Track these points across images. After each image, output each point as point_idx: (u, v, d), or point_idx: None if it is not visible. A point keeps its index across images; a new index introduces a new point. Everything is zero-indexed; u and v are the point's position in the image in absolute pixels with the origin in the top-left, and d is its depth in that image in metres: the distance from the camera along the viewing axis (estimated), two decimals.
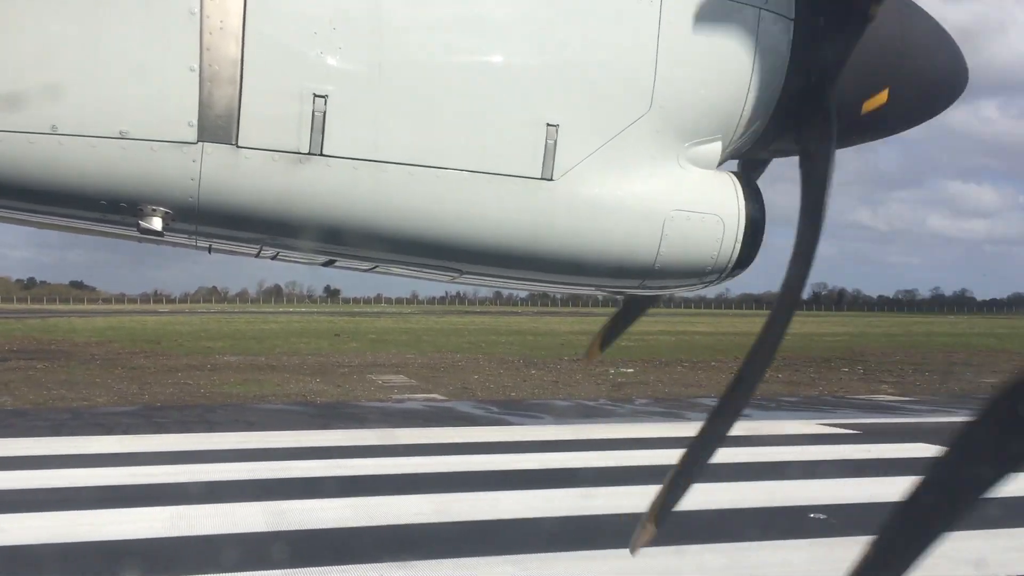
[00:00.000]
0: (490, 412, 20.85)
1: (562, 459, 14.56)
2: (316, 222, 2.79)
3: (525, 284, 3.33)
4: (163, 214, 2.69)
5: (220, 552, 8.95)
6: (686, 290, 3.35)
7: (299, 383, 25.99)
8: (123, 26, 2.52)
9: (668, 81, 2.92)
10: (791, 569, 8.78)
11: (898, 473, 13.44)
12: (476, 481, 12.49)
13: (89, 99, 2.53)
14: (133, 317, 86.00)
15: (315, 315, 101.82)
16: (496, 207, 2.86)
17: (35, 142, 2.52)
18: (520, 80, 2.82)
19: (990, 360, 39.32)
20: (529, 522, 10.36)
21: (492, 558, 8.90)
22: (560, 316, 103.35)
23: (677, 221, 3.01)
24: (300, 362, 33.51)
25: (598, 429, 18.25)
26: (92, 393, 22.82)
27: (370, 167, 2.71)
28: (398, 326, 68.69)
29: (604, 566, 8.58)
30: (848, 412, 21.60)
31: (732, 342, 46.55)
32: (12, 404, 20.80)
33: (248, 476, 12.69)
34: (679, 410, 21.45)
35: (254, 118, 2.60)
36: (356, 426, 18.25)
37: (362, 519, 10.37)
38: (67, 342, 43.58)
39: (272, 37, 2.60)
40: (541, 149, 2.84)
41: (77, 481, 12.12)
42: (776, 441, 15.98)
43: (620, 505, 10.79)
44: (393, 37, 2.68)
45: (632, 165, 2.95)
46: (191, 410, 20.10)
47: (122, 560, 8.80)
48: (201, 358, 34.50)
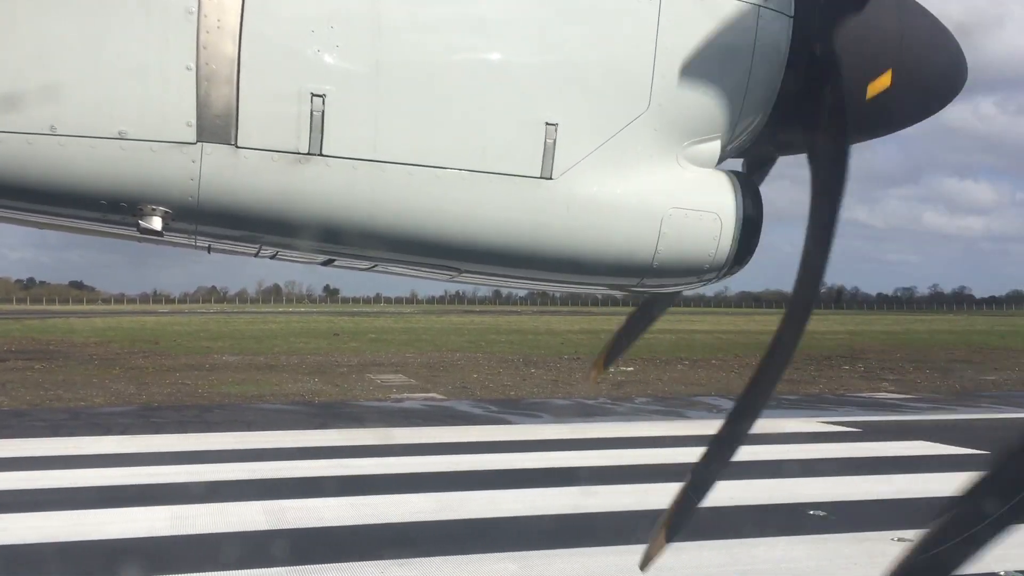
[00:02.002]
0: (489, 411, 20.84)
1: (562, 457, 14.56)
2: (315, 222, 2.79)
3: (524, 283, 3.34)
4: (163, 214, 2.69)
5: (220, 551, 8.96)
6: (685, 288, 3.36)
7: (298, 383, 25.98)
8: (121, 26, 2.52)
9: (667, 80, 2.92)
10: (791, 565, 8.78)
11: (898, 471, 13.48)
12: (476, 480, 12.49)
13: (88, 99, 2.52)
14: (132, 317, 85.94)
15: (314, 315, 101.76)
16: (495, 206, 2.86)
17: (34, 143, 2.52)
18: (519, 79, 2.82)
19: (991, 358, 39.35)
20: (529, 520, 10.37)
21: (492, 555, 8.90)
22: (560, 315, 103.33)
23: (675, 219, 3.01)
24: (299, 362, 33.49)
25: (598, 428, 18.25)
26: (90, 393, 22.80)
27: (369, 167, 2.71)
28: (397, 325, 68.67)
29: (604, 563, 8.59)
30: (848, 410, 21.60)
31: (731, 340, 46.58)
32: (10, 405, 20.79)
33: (247, 476, 12.69)
34: (679, 408, 21.46)
35: (252, 118, 2.60)
36: (355, 425, 18.24)
37: (362, 518, 10.37)
38: (66, 342, 43.55)
39: (270, 36, 2.59)
40: (540, 148, 2.84)
41: (76, 481, 12.11)
42: (776, 439, 15.96)
43: (620, 503, 10.85)
44: (391, 36, 2.68)
45: (631, 164, 2.96)
46: (190, 410, 20.08)
47: (122, 560, 8.80)
48: (200, 358, 34.48)
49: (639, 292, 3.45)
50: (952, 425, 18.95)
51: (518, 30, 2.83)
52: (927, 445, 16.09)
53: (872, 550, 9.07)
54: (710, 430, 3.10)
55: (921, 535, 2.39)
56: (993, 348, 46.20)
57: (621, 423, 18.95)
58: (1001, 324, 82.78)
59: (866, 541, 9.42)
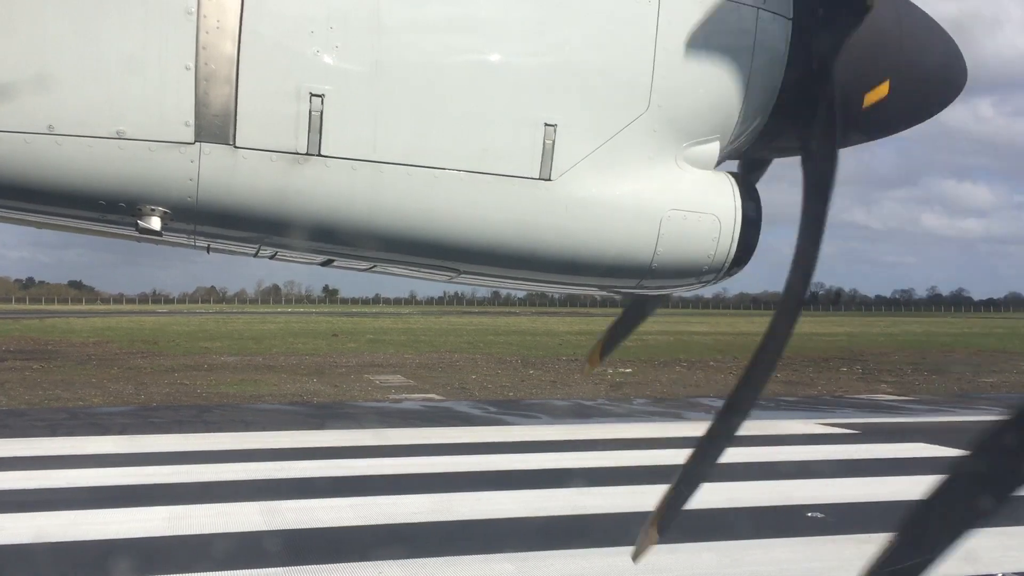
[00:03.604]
0: (488, 412, 20.83)
1: (560, 459, 14.56)
2: (314, 222, 2.78)
3: (523, 284, 3.33)
4: (162, 214, 2.69)
5: (218, 551, 8.95)
6: (683, 289, 3.36)
7: (297, 383, 25.97)
8: (120, 26, 2.52)
9: (666, 81, 2.92)
10: (789, 567, 8.79)
11: (896, 472, 13.48)
12: (474, 480, 12.49)
13: (86, 99, 2.52)
14: (131, 317, 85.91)
15: (313, 315, 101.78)
16: (494, 207, 2.86)
17: (32, 142, 2.51)
18: (518, 80, 2.82)
19: (989, 360, 39.36)
20: (527, 521, 10.37)
21: (490, 556, 8.90)
22: (558, 316, 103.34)
23: (674, 221, 3.01)
24: (298, 362, 33.48)
25: (596, 429, 18.25)
26: (89, 393, 22.79)
27: (368, 167, 2.71)
28: (396, 326, 68.65)
29: (601, 564, 8.59)
30: (847, 412, 21.61)
31: (730, 342, 46.56)
32: (9, 404, 20.77)
33: (246, 476, 12.68)
34: (677, 410, 21.46)
35: (251, 118, 2.60)
36: (354, 426, 18.24)
37: (360, 518, 10.37)
38: (65, 342, 43.52)
39: (269, 36, 2.59)
40: (539, 149, 2.84)
41: (74, 481, 12.11)
42: (774, 441, 15.98)
43: (618, 504, 10.84)
44: (390, 37, 2.68)
45: (630, 165, 2.96)
46: (188, 410, 20.07)
47: (120, 559, 8.79)
48: (199, 358, 34.46)
49: (638, 293, 3.45)
50: (950, 427, 18.95)
51: (517, 31, 2.83)
52: (925, 447, 16.09)
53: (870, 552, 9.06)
54: None
55: (885, 543, 2.39)
56: (991, 350, 46.22)
57: (619, 424, 18.95)
58: (999, 326, 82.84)
59: (864, 543, 9.41)
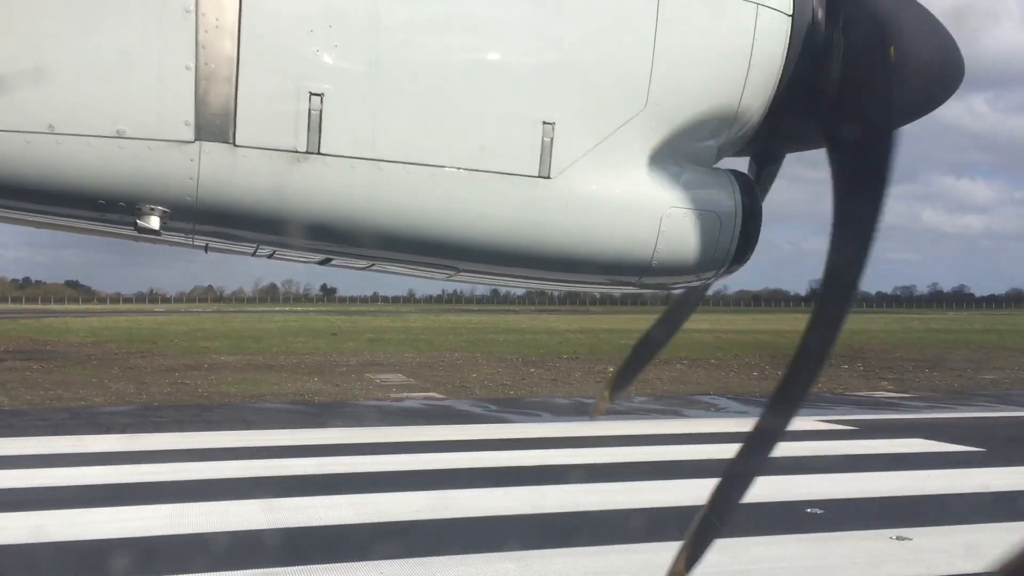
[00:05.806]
0: (489, 410, 20.84)
1: (561, 456, 14.56)
2: (313, 220, 2.79)
3: (522, 282, 3.33)
4: (161, 213, 2.69)
5: (218, 550, 8.95)
6: (683, 287, 3.36)
7: (296, 382, 25.96)
8: (119, 25, 2.52)
9: (665, 78, 2.92)
10: (789, 564, 8.79)
11: (896, 469, 13.48)
12: (475, 478, 12.48)
13: (86, 98, 2.52)
14: (129, 317, 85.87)
15: (312, 314, 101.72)
16: (493, 205, 2.86)
17: (32, 142, 2.51)
18: (517, 78, 2.82)
19: (990, 356, 39.36)
20: (528, 518, 10.37)
21: (491, 554, 8.90)
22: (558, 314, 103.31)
23: (674, 218, 3.01)
24: (297, 361, 33.46)
25: (597, 426, 18.25)
26: (88, 393, 22.77)
27: (367, 165, 2.71)
28: (395, 325, 68.61)
29: (603, 562, 8.59)
30: (847, 408, 21.59)
31: (730, 339, 46.57)
32: (8, 404, 20.76)
33: (246, 474, 12.68)
34: (678, 407, 21.46)
35: (251, 117, 2.60)
36: (354, 424, 18.24)
37: (361, 516, 10.37)
38: (63, 342, 43.47)
39: (268, 35, 2.59)
40: (538, 147, 2.84)
41: (74, 480, 12.10)
42: None
43: (619, 501, 10.85)
44: (389, 35, 2.68)
45: (629, 162, 2.96)
46: (188, 409, 20.07)
47: (120, 558, 8.79)
48: (198, 357, 34.43)
49: (638, 291, 3.45)
50: (950, 423, 18.97)
51: (516, 29, 2.83)
52: (926, 443, 16.10)
53: (870, 548, 9.08)
54: (709, 428, 3.11)
55: None
56: (992, 346, 46.21)
57: (620, 421, 18.93)
58: (1000, 323, 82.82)
59: (864, 539, 9.43)
